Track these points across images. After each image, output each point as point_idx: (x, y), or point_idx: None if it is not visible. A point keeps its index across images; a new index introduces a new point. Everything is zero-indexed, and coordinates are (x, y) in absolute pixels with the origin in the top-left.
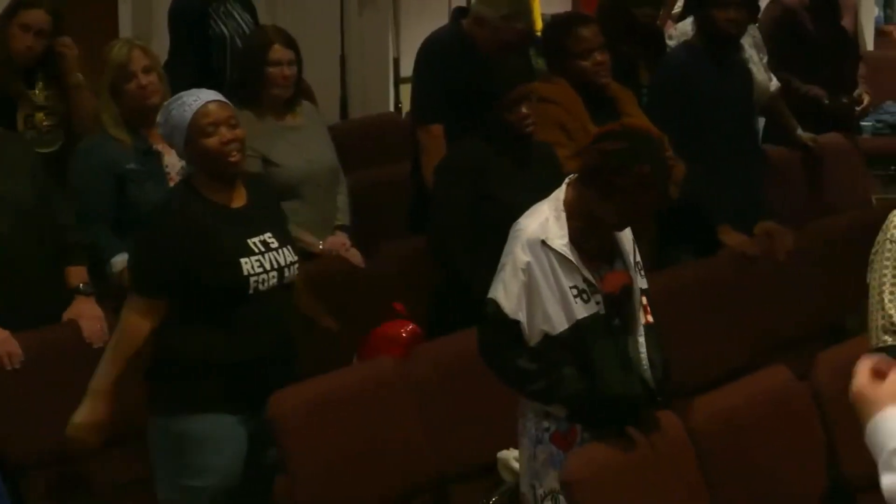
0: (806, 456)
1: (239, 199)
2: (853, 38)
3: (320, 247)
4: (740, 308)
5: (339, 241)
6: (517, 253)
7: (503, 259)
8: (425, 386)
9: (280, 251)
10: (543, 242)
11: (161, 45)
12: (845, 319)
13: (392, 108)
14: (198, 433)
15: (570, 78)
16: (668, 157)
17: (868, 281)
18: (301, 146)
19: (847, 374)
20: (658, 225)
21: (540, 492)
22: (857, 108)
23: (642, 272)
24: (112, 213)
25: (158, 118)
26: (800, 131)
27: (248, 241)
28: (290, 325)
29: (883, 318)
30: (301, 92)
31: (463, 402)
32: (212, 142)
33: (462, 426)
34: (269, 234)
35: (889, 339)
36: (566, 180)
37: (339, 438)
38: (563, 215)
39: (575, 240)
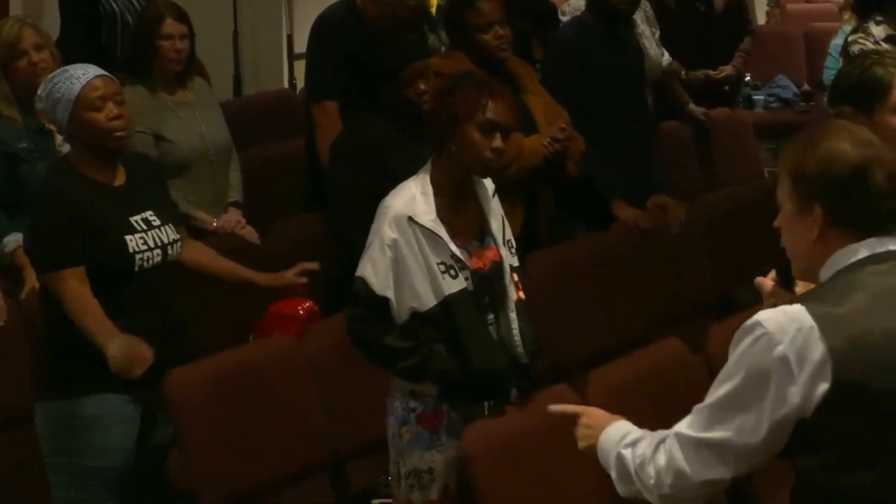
0: None
1: (119, 178)
2: (732, 15)
3: (214, 224)
4: (633, 281)
5: (233, 219)
6: (384, 230)
7: (370, 237)
8: (322, 363)
9: (162, 229)
10: (410, 219)
11: (52, 24)
12: (737, 292)
13: (286, 85)
14: (89, 414)
15: (470, 52)
16: (568, 133)
17: None
18: (193, 122)
19: None
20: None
21: (404, 470)
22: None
23: (513, 250)
24: (3, 193)
25: (40, 91)
26: (691, 105)
27: (130, 218)
28: (174, 304)
29: None
30: (193, 68)
31: (359, 379)
32: (99, 116)
33: (358, 403)
34: (150, 213)
35: None
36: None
37: (236, 416)
38: (430, 191)
39: (443, 216)
